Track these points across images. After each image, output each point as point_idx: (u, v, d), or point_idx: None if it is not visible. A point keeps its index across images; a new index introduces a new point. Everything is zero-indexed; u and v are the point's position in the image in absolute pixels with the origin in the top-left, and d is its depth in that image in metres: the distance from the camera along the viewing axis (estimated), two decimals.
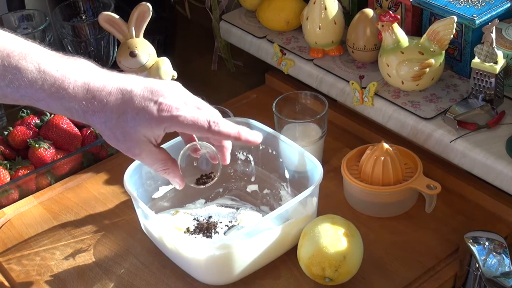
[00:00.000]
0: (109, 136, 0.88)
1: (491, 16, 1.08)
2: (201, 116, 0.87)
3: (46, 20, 1.27)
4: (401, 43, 1.12)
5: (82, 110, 0.85)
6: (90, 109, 0.85)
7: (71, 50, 1.30)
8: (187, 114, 0.86)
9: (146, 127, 0.86)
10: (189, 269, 1.00)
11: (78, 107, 0.85)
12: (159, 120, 0.85)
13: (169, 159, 0.92)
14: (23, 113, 1.23)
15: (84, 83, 0.85)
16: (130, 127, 0.86)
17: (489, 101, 1.09)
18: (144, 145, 0.88)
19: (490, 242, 0.94)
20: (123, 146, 0.88)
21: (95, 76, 0.86)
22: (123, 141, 0.87)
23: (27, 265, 1.05)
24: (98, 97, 0.85)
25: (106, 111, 0.85)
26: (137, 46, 1.21)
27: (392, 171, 1.06)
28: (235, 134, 0.89)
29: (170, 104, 0.86)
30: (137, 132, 0.86)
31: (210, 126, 0.87)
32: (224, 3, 1.45)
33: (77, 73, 0.86)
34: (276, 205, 1.10)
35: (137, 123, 0.85)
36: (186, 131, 0.89)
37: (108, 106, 0.85)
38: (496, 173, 1.02)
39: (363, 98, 1.17)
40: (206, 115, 0.88)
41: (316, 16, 1.22)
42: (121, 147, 0.88)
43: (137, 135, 0.87)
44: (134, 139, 0.87)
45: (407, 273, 0.99)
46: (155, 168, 0.92)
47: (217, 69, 1.52)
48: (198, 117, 0.87)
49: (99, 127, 0.87)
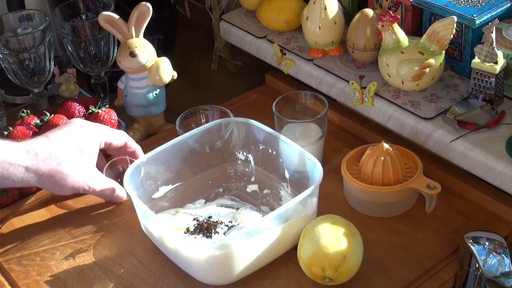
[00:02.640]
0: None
1: (491, 16, 1.08)
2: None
3: (46, 20, 1.27)
4: (401, 43, 1.12)
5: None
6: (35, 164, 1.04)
7: (71, 50, 1.30)
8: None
9: (89, 149, 1.09)
10: (189, 269, 1.00)
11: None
12: (98, 134, 1.11)
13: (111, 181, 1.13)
14: (23, 113, 1.23)
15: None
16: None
17: (489, 101, 1.09)
18: (94, 174, 1.09)
19: (490, 242, 0.94)
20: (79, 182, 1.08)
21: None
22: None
23: (27, 265, 1.05)
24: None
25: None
26: (137, 46, 1.21)
27: (392, 171, 1.06)
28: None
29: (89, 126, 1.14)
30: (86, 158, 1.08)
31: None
32: (224, 3, 1.45)
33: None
34: (276, 205, 1.10)
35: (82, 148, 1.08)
36: (115, 141, 1.13)
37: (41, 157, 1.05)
38: (496, 173, 1.02)
39: (363, 98, 1.17)
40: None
41: (316, 16, 1.22)
42: (75, 184, 1.08)
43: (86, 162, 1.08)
44: (85, 169, 1.08)
45: (407, 273, 0.99)
46: (104, 188, 1.11)
47: (217, 69, 1.52)
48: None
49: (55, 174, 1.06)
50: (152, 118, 1.31)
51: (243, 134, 1.14)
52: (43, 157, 1.04)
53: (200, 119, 1.19)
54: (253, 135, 1.12)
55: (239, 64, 1.51)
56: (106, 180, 1.11)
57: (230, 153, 1.16)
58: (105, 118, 1.21)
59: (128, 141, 1.14)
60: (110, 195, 1.12)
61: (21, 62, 1.27)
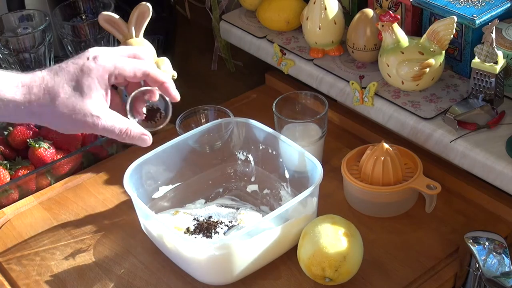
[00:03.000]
0: (64, 116, 0.86)
1: (491, 16, 1.08)
2: (137, 61, 0.90)
3: (46, 20, 1.27)
4: (401, 43, 1.12)
5: (26, 106, 0.85)
6: (34, 100, 0.85)
7: (71, 50, 1.30)
8: (124, 60, 0.88)
9: (91, 79, 0.86)
10: (189, 269, 1.00)
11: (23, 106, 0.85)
12: (101, 69, 0.86)
13: (125, 118, 0.90)
14: None
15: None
16: (81, 85, 0.86)
17: (489, 101, 1.09)
18: (99, 105, 0.87)
19: (490, 242, 0.94)
20: (80, 115, 0.86)
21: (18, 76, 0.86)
22: (80, 109, 0.86)
23: (27, 265, 1.06)
24: (35, 86, 0.85)
25: (52, 91, 0.85)
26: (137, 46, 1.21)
27: (392, 171, 1.06)
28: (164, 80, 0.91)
29: (102, 54, 0.88)
30: (88, 88, 0.86)
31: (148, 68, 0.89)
32: (224, 3, 1.45)
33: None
34: (276, 205, 1.10)
35: (83, 79, 0.86)
36: (127, 75, 0.88)
37: (50, 86, 0.85)
38: (496, 173, 1.02)
39: (363, 98, 1.17)
40: (141, 61, 0.90)
41: (316, 16, 1.22)
42: (79, 117, 0.86)
43: (89, 91, 0.86)
44: (87, 99, 0.86)
45: (407, 273, 0.99)
46: (117, 129, 0.88)
47: (217, 69, 1.52)
48: (135, 61, 0.89)
49: (50, 111, 0.86)
50: None
51: (243, 134, 1.14)
52: (37, 93, 0.85)
53: (200, 119, 1.19)
54: (253, 135, 1.12)
55: (239, 64, 1.51)
56: (118, 117, 0.89)
57: (230, 153, 1.16)
58: None
59: (151, 72, 0.89)
60: (124, 134, 0.89)
61: (21, 62, 1.27)
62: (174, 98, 0.93)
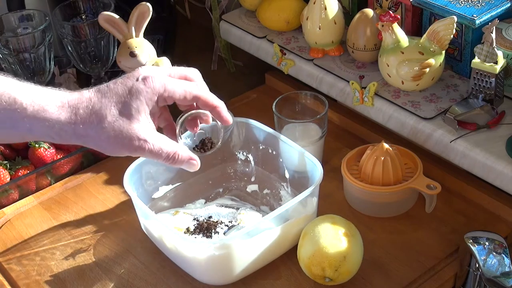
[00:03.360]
0: (110, 137, 0.83)
1: (491, 16, 1.08)
2: (188, 84, 0.87)
3: (46, 20, 1.27)
4: (401, 43, 1.12)
5: (72, 128, 0.82)
6: (80, 122, 0.82)
7: (71, 50, 1.30)
8: (174, 82, 0.85)
9: (140, 101, 0.83)
10: (189, 269, 1.00)
11: (66, 127, 0.82)
12: (150, 92, 0.83)
13: (173, 141, 0.87)
14: None
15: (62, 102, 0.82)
16: (128, 109, 0.82)
17: (489, 101, 1.09)
18: (146, 128, 0.83)
19: (490, 242, 0.94)
20: (127, 139, 0.83)
21: (64, 94, 0.84)
22: (127, 132, 0.83)
23: (27, 265, 1.06)
24: (81, 107, 0.82)
25: (99, 112, 0.82)
26: (137, 46, 1.21)
27: (392, 171, 1.06)
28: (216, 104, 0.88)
29: (152, 75, 0.84)
30: (136, 111, 0.83)
31: (199, 89, 0.87)
32: (224, 3, 1.45)
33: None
34: (276, 205, 1.10)
35: (131, 101, 0.82)
36: (177, 98, 0.86)
37: (98, 108, 0.82)
38: (496, 173, 1.02)
39: (363, 98, 1.17)
40: (192, 84, 0.88)
41: (316, 16, 1.22)
42: (126, 141, 0.83)
43: (137, 114, 0.83)
44: (135, 122, 0.83)
45: (407, 273, 0.99)
46: (164, 153, 0.85)
47: (217, 69, 1.52)
48: (185, 84, 0.87)
49: (96, 134, 0.83)
50: None
51: (243, 134, 1.14)
52: (83, 115, 0.82)
53: None
54: (253, 135, 1.12)
55: (239, 64, 1.51)
56: (166, 140, 0.86)
57: (230, 153, 1.16)
58: None
59: (202, 96, 0.87)
60: (171, 159, 0.86)
61: (21, 62, 1.27)
62: (226, 122, 0.90)
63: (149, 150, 0.84)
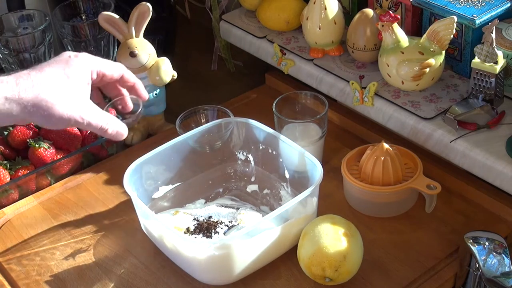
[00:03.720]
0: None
1: (491, 16, 1.08)
2: (115, 63, 1.03)
3: (46, 20, 1.27)
4: (401, 43, 1.12)
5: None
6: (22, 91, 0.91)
7: (71, 50, 1.30)
8: (103, 60, 1.01)
9: (77, 70, 0.96)
10: (189, 269, 1.00)
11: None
12: (86, 63, 0.97)
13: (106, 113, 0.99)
14: None
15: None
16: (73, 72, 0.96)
17: (489, 101, 1.09)
18: (87, 104, 0.96)
19: (490, 242, 0.94)
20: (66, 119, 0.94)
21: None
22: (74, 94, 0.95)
23: (27, 265, 1.06)
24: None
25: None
26: (137, 46, 1.21)
27: (392, 171, 1.06)
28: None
29: (82, 54, 0.99)
30: (75, 88, 0.95)
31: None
32: (224, 3, 1.45)
33: None
34: (276, 205, 1.10)
35: (69, 70, 0.95)
36: (107, 72, 1.01)
37: (38, 79, 0.92)
38: (496, 173, 1.02)
39: (363, 98, 1.17)
40: (117, 63, 1.04)
41: (316, 16, 1.22)
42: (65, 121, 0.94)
43: (76, 91, 0.95)
44: (75, 101, 0.95)
45: (407, 273, 0.99)
46: (100, 121, 0.97)
47: (217, 69, 1.52)
48: (113, 62, 1.03)
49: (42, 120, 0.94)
50: (152, 118, 1.31)
51: (243, 134, 1.14)
52: (24, 86, 0.91)
53: (200, 119, 1.19)
54: (253, 135, 1.12)
55: (239, 64, 1.51)
56: (104, 113, 0.98)
57: (230, 153, 1.16)
58: None
59: (125, 74, 1.04)
60: (110, 130, 0.98)
61: (21, 62, 1.27)
62: (144, 98, 1.06)
63: (88, 125, 0.96)
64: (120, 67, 1.03)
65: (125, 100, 1.06)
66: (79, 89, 0.96)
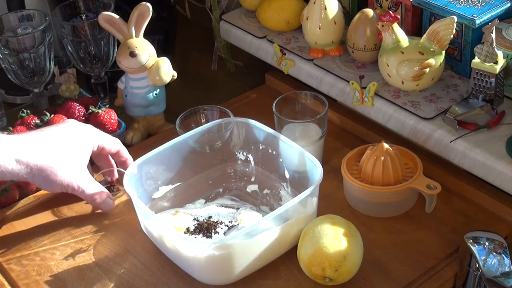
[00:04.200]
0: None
1: (491, 16, 1.08)
2: (114, 139, 1.15)
3: (46, 20, 1.27)
4: (401, 43, 1.12)
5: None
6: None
7: (71, 50, 1.30)
8: (105, 134, 1.14)
9: (82, 151, 1.08)
10: (189, 269, 1.00)
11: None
12: (91, 138, 1.11)
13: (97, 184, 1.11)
14: (23, 113, 1.23)
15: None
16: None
17: (489, 101, 1.09)
18: (84, 175, 1.08)
19: (490, 242, 0.94)
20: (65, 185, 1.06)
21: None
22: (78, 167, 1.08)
23: (27, 265, 1.05)
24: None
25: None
26: (137, 46, 1.21)
27: (392, 171, 1.06)
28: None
29: (89, 127, 1.13)
30: (77, 161, 1.07)
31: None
32: (224, 3, 1.45)
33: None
34: (276, 205, 1.10)
35: (74, 153, 1.07)
36: (107, 147, 1.12)
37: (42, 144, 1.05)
38: (496, 173, 1.02)
39: (363, 98, 1.17)
40: (116, 139, 1.15)
41: (316, 16, 1.22)
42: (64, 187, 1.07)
43: (78, 165, 1.07)
44: (75, 172, 1.07)
45: (407, 273, 0.99)
46: (92, 191, 1.09)
47: (217, 69, 1.52)
48: (112, 138, 1.15)
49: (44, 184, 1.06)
50: (152, 118, 1.31)
51: (243, 134, 1.14)
52: (35, 150, 1.02)
53: (200, 119, 1.19)
54: (253, 135, 1.12)
55: (239, 64, 1.51)
56: (97, 185, 1.09)
57: (230, 153, 1.16)
58: (105, 118, 1.21)
59: (121, 150, 1.14)
60: (99, 200, 1.09)
61: (21, 62, 1.27)
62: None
63: (82, 194, 1.08)
64: (118, 143, 1.13)
65: (114, 172, 1.16)
66: (80, 159, 1.07)
